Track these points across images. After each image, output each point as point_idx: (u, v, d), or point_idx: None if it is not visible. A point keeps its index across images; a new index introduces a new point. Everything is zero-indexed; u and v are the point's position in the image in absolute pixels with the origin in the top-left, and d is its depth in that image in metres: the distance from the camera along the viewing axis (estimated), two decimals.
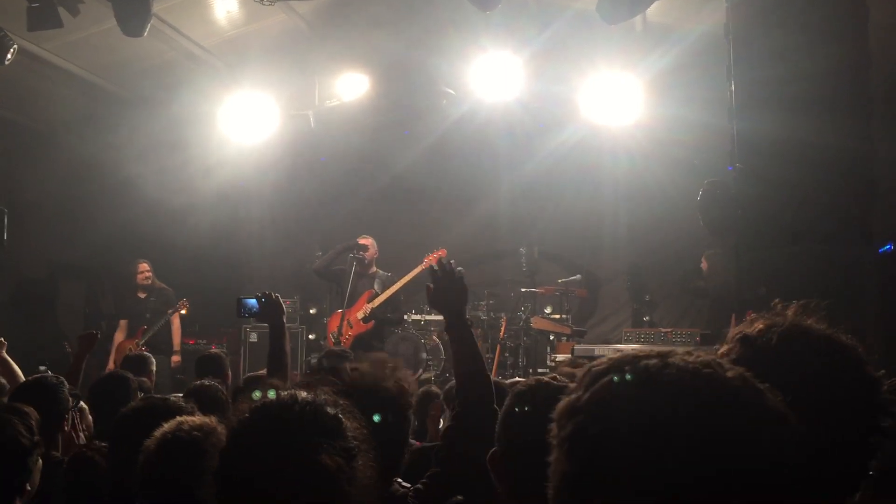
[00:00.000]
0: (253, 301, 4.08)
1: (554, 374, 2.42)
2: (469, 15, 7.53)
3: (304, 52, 9.27)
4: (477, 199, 10.12)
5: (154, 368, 5.64)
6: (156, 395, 3.29)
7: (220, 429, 2.31)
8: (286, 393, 1.61)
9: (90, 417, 3.78)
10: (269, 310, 3.94)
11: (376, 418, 2.14)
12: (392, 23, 9.04)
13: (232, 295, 9.78)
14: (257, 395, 2.64)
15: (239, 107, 9.33)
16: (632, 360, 0.98)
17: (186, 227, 9.52)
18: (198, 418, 2.33)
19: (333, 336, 8.21)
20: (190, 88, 9.17)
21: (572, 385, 2.24)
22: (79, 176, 9.26)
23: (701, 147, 7.83)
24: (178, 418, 2.32)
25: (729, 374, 0.95)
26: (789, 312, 1.52)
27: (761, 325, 1.51)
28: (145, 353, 6.08)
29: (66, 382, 3.58)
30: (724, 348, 1.54)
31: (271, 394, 1.61)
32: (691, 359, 0.96)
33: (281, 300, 3.98)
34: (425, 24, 8.84)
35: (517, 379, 4.75)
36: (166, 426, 2.28)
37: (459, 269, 2.95)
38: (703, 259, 8.48)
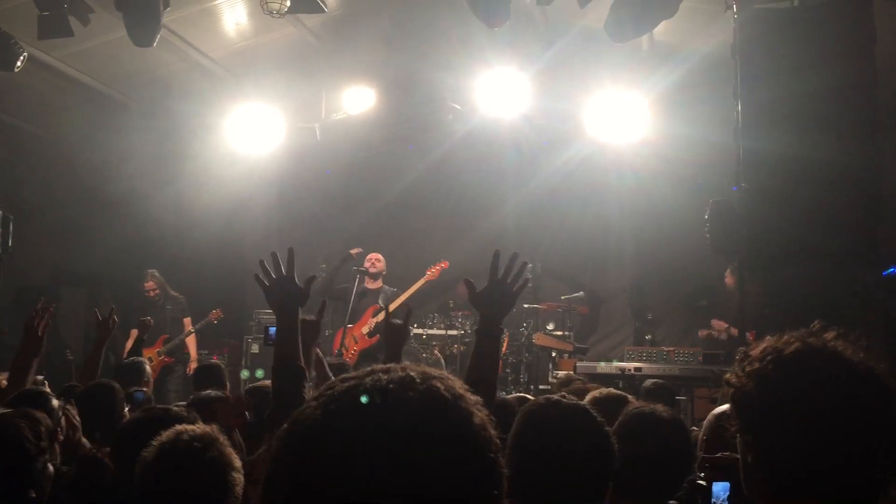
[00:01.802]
0: (273, 329, 3.85)
1: (563, 393, 2.39)
2: (475, 31, 7.56)
3: (312, 65, 9.31)
4: (482, 215, 10.11)
5: (149, 378, 5.56)
6: (157, 406, 3.23)
7: (222, 439, 2.28)
8: None
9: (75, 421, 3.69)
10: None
11: None
12: (399, 38, 9.09)
13: (235, 306, 9.84)
14: (260, 373, 2.51)
15: (246, 118, 9.36)
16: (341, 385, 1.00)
17: (190, 237, 9.52)
18: (199, 427, 2.29)
19: (338, 353, 8.18)
20: (197, 99, 9.20)
21: (582, 403, 2.21)
22: (84, 184, 9.27)
23: (706, 165, 7.83)
24: (177, 427, 2.28)
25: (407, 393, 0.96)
26: (828, 336, 1.51)
27: (796, 346, 1.49)
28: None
29: (51, 395, 3.48)
30: (752, 366, 1.51)
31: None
32: (385, 377, 0.98)
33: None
34: (432, 40, 8.88)
35: (524, 395, 4.70)
36: (164, 436, 2.24)
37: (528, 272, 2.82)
38: (727, 273, 8.36)
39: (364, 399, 0.95)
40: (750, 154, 5.43)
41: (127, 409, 3.89)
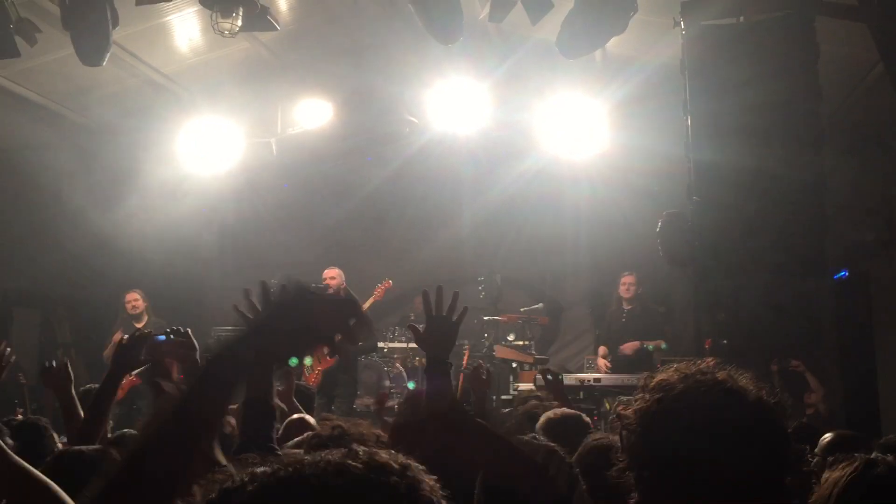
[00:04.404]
0: (161, 337, 3.43)
1: (534, 434, 2.37)
2: (431, 45, 7.58)
3: (267, 79, 9.25)
4: (440, 226, 10.13)
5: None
6: (73, 448, 2.98)
7: None
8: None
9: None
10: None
11: None
12: (354, 51, 9.08)
13: (192, 323, 9.66)
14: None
15: (200, 134, 9.25)
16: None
17: (144, 256, 9.35)
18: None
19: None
20: (150, 115, 9.08)
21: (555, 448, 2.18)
22: (34, 203, 9.08)
23: (660, 175, 7.95)
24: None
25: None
26: (720, 375, 1.50)
27: (682, 385, 1.48)
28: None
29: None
30: (640, 403, 1.51)
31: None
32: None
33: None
34: (388, 53, 8.89)
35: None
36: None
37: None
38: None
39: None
40: (700, 167, 5.53)
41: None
